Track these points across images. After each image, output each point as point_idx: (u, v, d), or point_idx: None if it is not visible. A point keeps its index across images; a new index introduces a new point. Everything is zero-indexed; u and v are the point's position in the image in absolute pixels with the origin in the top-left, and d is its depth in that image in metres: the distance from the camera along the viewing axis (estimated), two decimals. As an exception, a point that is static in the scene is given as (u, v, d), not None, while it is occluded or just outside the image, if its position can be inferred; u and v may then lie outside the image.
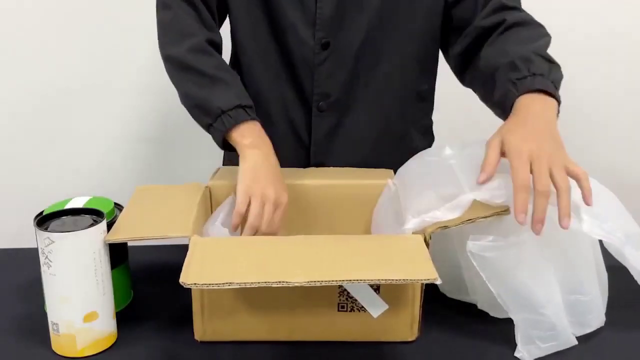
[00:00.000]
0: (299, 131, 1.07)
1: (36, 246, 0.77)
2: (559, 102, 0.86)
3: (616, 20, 1.64)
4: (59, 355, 0.80)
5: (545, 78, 0.86)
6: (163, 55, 0.99)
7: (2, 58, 1.59)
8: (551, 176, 0.75)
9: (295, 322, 0.81)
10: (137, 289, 0.95)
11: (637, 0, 1.64)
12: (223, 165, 1.20)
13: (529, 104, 0.84)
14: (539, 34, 0.96)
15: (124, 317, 0.86)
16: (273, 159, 0.93)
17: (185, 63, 0.95)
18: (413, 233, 0.81)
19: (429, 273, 0.70)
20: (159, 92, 1.62)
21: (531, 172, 0.75)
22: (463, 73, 1.04)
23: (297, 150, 1.07)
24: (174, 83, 0.98)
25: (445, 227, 0.79)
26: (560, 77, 0.89)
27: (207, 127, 0.95)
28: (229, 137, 0.93)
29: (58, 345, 0.80)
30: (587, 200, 0.76)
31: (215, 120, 0.92)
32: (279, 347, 0.82)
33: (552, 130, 0.82)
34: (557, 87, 0.87)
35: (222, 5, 1.03)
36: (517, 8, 1.00)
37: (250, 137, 0.92)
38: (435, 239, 0.81)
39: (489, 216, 0.79)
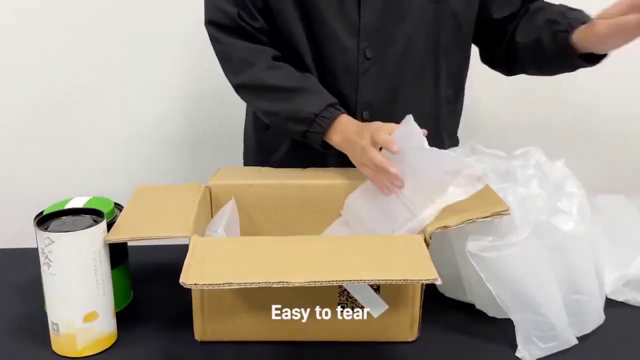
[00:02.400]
0: None
1: (36, 246, 0.77)
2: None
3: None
4: (59, 355, 0.80)
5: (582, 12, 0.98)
6: (235, 86, 1.05)
7: (3, 59, 1.59)
8: None
9: (295, 322, 0.81)
10: (137, 289, 0.95)
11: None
12: (244, 155, 1.24)
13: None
14: (564, 7, 1.03)
15: (124, 317, 0.86)
16: (358, 135, 0.94)
17: (262, 84, 1.00)
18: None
19: (429, 273, 0.70)
20: (159, 92, 1.63)
21: None
22: (512, 61, 1.10)
23: (341, 160, 1.06)
24: (256, 108, 1.06)
25: (445, 227, 0.79)
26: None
27: (304, 135, 0.99)
28: (327, 139, 0.98)
29: (58, 345, 0.80)
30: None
31: (310, 126, 0.97)
32: (279, 347, 0.82)
33: None
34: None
35: (275, 24, 1.04)
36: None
37: (339, 134, 0.97)
38: (435, 239, 0.81)
39: (488, 216, 0.79)
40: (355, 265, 0.73)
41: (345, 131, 0.96)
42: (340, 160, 1.02)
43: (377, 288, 0.80)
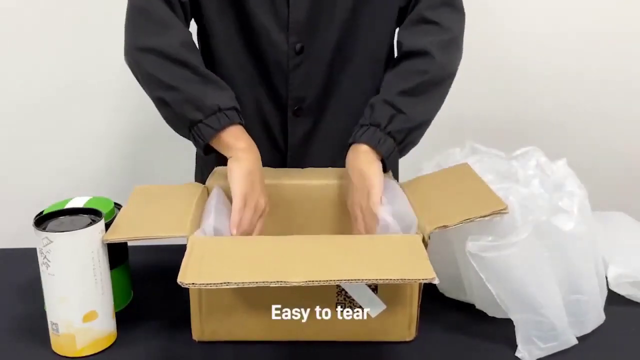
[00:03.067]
0: (275, 135, 1.07)
1: (35, 246, 0.77)
2: (380, 154, 0.93)
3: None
4: (59, 355, 0.80)
5: (379, 130, 0.93)
6: (139, 46, 0.93)
7: (2, 59, 1.59)
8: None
9: (294, 322, 0.81)
10: (137, 289, 0.95)
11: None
12: (195, 171, 1.20)
13: (352, 163, 0.94)
14: (419, 70, 0.96)
15: (123, 317, 0.86)
16: (261, 165, 0.93)
17: (175, 57, 0.91)
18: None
19: (426, 273, 0.70)
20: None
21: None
22: None
23: (273, 154, 1.07)
24: (155, 74, 0.92)
25: (444, 226, 0.79)
26: (406, 124, 0.94)
27: (194, 124, 0.91)
28: (218, 138, 0.91)
29: (58, 345, 0.80)
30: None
31: (207, 117, 0.90)
32: (277, 347, 0.82)
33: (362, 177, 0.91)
34: (394, 137, 0.93)
35: (194, 7, 1.00)
36: (437, 24, 0.98)
37: (243, 140, 0.92)
38: (434, 239, 0.81)
39: (487, 215, 0.79)
40: (353, 265, 0.72)
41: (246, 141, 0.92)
42: None
43: (374, 288, 0.79)
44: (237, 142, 0.92)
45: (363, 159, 0.92)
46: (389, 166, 0.94)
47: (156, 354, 0.82)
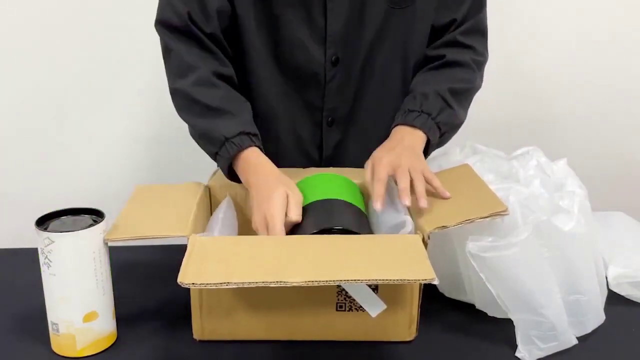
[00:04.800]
0: (307, 147, 1.08)
1: (36, 246, 0.77)
2: (430, 140, 0.96)
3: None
4: (59, 355, 0.80)
5: (430, 118, 0.96)
6: (170, 90, 0.99)
7: (2, 60, 1.59)
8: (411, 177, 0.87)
9: (294, 322, 0.81)
10: (137, 289, 0.95)
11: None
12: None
13: (401, 135, 0.96)
14: (464, 78, 1.02)
15: (123, 317, 0.86)
16: (272, 181, 0.88)
17: (191, 96, 0.95)
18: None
19: (426, 273, 0.70)
20: (159, 92, 1.62)
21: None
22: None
23: (305, 165, 1.06)
24: (181, 116, 0.99)
25: (444, 227, 0.79)
26: (451, 119, 0.99)
27: (214, 156, 0.94)
28: (235, 166, 0.93)
29: (58, 345, 0.80)
30: (442, 193, 0.87)
31: (220, 149, 0.92)
32: (277, 346, 0.82)
33: (413, 149, 0.93)
34: (440, 128, 0.97)
35: (233, 31, 1.00)
36: (473, 48, 1.03)
37: (247, 171, 0.91)
38: (434, 239, 0.81)
39: (487, 216, 0.79)
40: (354, 265, 0.72)
41: (257, 171, 0.90)
42: None
43: (375, 288, 0.80)
44: (244, 173, 0.91)
45: (417, 140, 0.95)
46: (425, 158, 0.96)
47: (156, 354, 0.82)
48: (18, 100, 1.62)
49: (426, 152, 0.97)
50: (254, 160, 0.92)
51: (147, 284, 0.97)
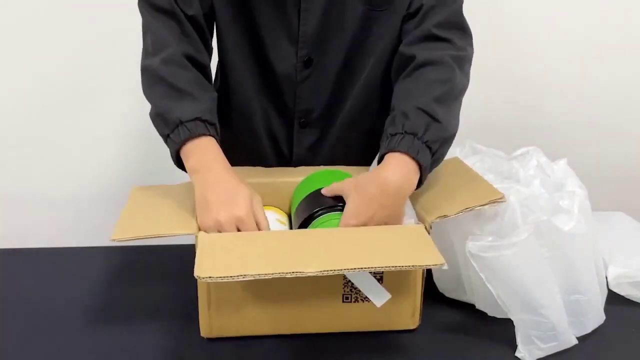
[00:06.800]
0: (281, 146, 1.07)
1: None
2: (421, 166, 0.84)
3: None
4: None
5: (416, 139, 0.84)
6: (141, 67, 0.95)
7: (2, 60, 1.59)
8: None
9: (301, 314, 0.82)
10: (138, 289, 0.95)
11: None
12: None
13: (387, 175, 0.84)
14: (441, 79, 0.91)
15: (125, 317, 0.86)
16: (215, 176, 0.86)
17: (157, 73, 0.92)
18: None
19: (435, 258, 0.71)
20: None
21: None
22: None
23: (278, 164, 1.07)
24: (145, 95, 0.94)
25: (445, 216, 0.80)
26: (441, 134, 0.86)
27: (166, 139, 0.90)
28: (182, 152, 0.88)
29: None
30: None
31: (172, 131, 0.88)
32: (283, 342, 0.82)
33: (397, 195, 0.83)
34: (430, 147, 0.85)
35: (211, 20, 1.00)
36: (449, 41, 0.95)
37: (195, 156, 0.87)
38: (434, 239, 0.81)
39: (486, 204, 0.80)
40: (364, 254, 0.73)
41: (205, 161, 0.87)
42: None
43: (380, 278, 0.80)
44: (187, 160, 0.88)
45: (406, 175, 0.84)
46: (424, 181, 0.86)
47: (158, 353, 0.81)
48: (18, 100, 1.62)
49: (421, 178, 0.86)
50: (202, 149, 0.87)
51: (149, 284, 0.97)
